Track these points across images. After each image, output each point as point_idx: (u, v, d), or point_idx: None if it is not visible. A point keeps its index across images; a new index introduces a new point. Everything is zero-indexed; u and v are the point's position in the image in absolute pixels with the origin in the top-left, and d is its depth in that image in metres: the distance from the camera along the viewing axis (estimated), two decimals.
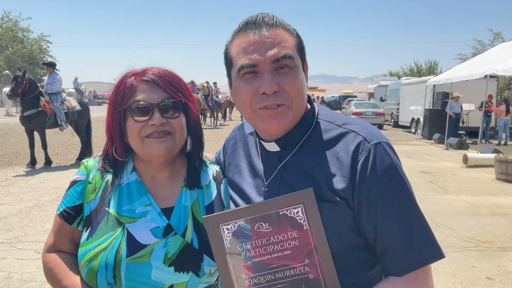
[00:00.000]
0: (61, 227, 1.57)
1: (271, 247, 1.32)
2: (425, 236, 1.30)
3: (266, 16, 1.38)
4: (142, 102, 1.48)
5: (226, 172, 1.66)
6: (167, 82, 1.52)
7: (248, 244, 1.33)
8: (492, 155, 12.00)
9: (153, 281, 1.41)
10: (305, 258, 1.31)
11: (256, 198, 1.47)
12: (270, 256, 1.32)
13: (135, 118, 1.48)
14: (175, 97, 1.52)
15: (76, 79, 40.09)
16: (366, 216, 1.30)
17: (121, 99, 1.51)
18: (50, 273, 1.54)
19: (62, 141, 15.33)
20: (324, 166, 1.35)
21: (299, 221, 1.30)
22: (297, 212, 1.30)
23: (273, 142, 1.45)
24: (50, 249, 1.59)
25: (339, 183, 1.32)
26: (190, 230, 1.50)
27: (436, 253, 1.30)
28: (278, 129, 1.38)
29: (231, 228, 1.34)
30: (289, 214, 1.31)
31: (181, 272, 1.42)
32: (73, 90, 37.13)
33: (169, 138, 1.50)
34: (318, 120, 1.46)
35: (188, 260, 1.44)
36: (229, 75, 1.46)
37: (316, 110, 1.49)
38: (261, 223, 1.33)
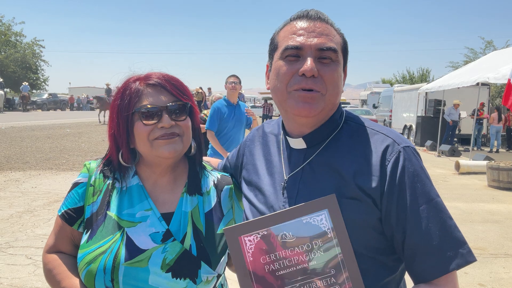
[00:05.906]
0: (62, 228, 1.56)
1: (296, 258, 1.25)
2: (456, 239, 1.27)
3: (320, 12, 1.41)
4: (150, 106, 1.47)
5: (243, 173, 1.64)
6: (173, 85, 1.52)
7: (272, 256, 1.25)
8: (484, 162, 12.09)
9: (150, 286, 1.40)
10: (331, 268, 1.24)
11: (273, 196, 1.45)
12: (295, 268, 1.25)
13: (144, 121, 1.47)
14: (182, 100, 1.52)
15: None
16: (395, 218, 1.29)
17: (128, 104, 1.49)
18: (50, 274, 1.53)
19: (54, 146, 15.22)
20: (352, 164, 1.34)
21: (323, 228, 1.25)
22: (321, 219, 1.25)
23: (301, 139, 1.44)
24: (50, 249, 1.58)
25: (367, 181, 1.31)
26: (189, 236, 1.49)
27: (467, 257, 1.27)
28: (308, 115, 1.36)
29: (253, 239, 1.26)
30: (312, 222, 1.25)
31: (178, 279, 1.41)
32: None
33: (177, 139, 1.49)
34: (346, 120, 1.47)
35: (185, 266, 1.43)
36: (270, 59, 1.46)
37: (344, 112, 1.50)
38: (285, 232, 1.26)
